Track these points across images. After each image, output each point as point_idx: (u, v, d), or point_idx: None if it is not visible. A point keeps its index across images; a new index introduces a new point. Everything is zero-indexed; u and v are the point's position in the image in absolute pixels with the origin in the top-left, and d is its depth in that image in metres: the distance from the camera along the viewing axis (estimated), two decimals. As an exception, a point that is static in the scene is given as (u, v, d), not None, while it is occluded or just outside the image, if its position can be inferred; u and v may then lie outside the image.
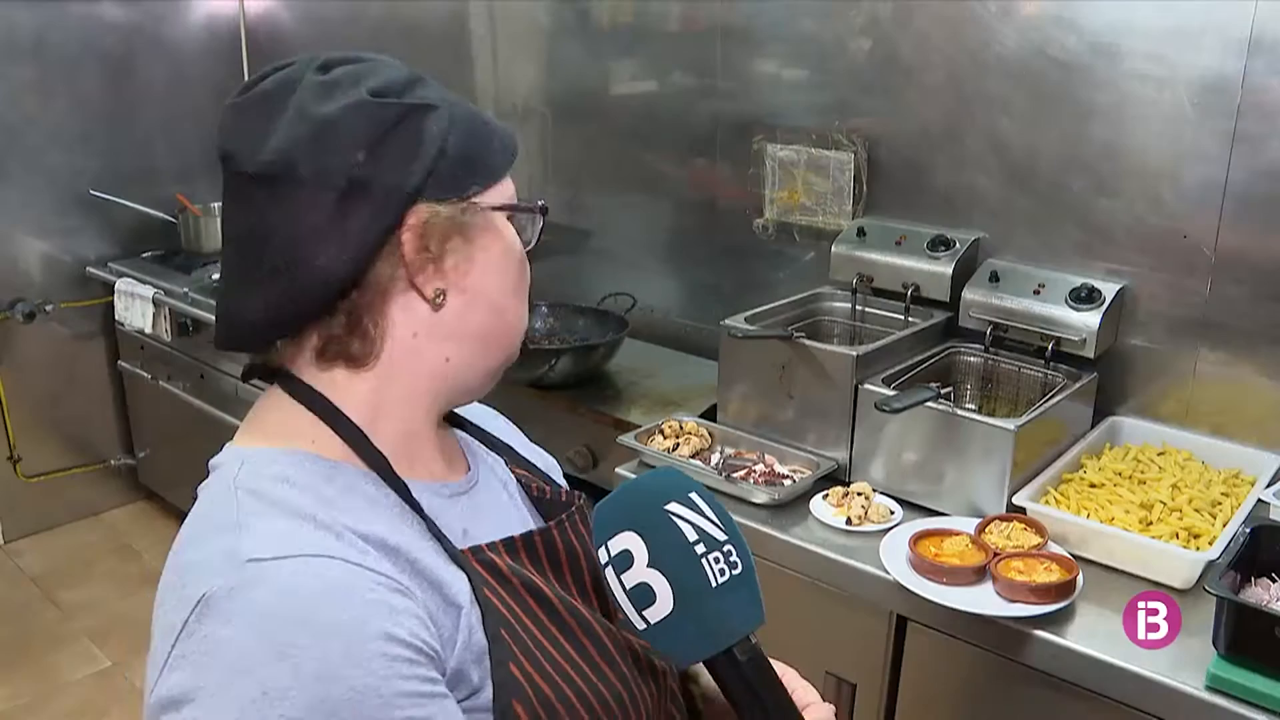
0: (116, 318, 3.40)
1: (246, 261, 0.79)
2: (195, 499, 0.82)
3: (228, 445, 0.84)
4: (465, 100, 0.87)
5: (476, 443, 1.00)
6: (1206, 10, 1.71)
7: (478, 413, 1.06)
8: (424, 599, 0.76)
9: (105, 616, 3.16)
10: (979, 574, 1.50)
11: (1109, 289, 1.85)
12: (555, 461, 1.10)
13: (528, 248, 0.90)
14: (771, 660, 0.88)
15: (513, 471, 0.99)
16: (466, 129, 0.83)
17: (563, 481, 1.05)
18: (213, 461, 0.83)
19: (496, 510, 0.92)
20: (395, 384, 0.83)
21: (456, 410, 0.98)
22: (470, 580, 0.80)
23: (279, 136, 0.77)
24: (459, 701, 0.76)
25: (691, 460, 1.90)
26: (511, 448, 1.03)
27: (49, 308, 3.46)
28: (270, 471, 0.78)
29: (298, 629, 0.68)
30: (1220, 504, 1.65)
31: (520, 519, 0.94)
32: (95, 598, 3.26)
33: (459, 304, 0.83)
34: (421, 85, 0.84)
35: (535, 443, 1.10)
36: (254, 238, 0.78)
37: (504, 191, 0.86)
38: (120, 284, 3.35)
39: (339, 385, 0.83)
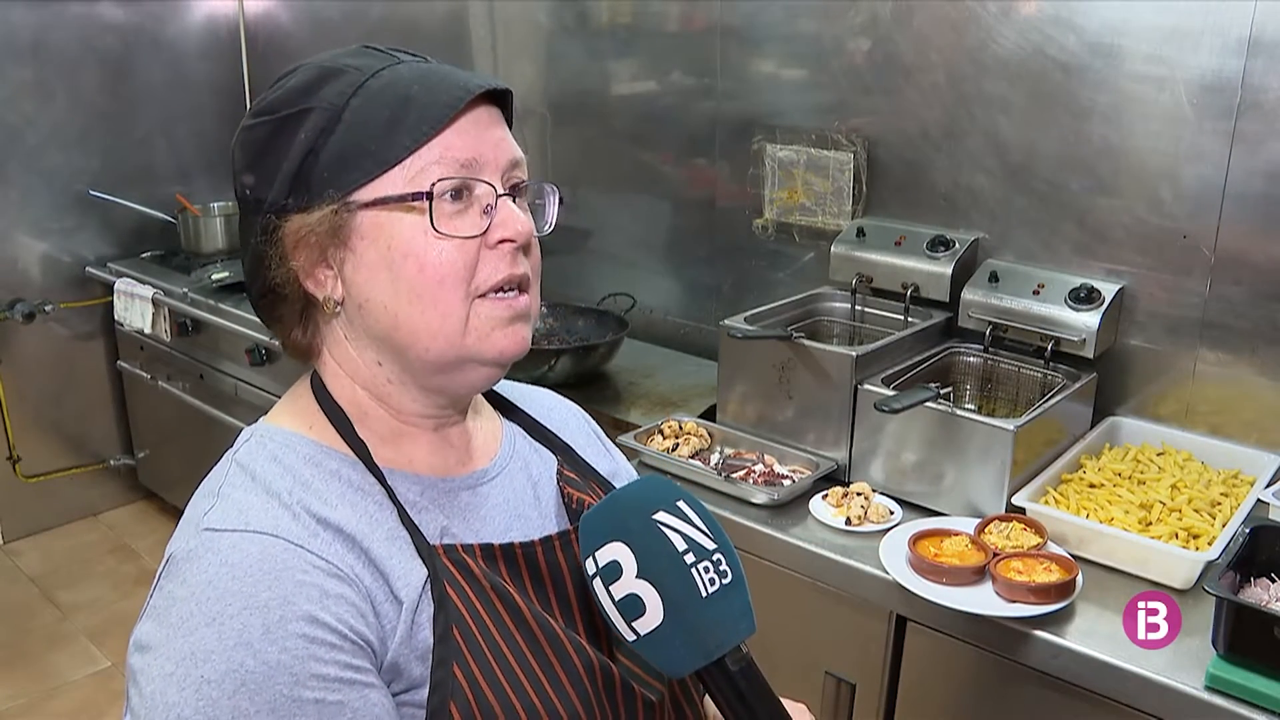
0: (116, 318, 3.40)
1: None
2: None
3: (261, 419, 0.89)
4: (402, 71, 0.81)
5: (524, 437, 0.98)
6: (1206, 10, 1.71)
7: (555, 408, 1.06)
8: (371, 587, 0.77)
9: (104, 616, 3.16)
10: (978, 574, 1.50)
11: (1108, 289, 1.85)
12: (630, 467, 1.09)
13: (471, 235, 0.80)
14: (785, 700, 0.87)
15: (562, 473, 0.97)
16: (356, 119, 0.79)
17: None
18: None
19: (506, 509, 0.90)
20: (359, 382, 0.86)
21: (516, 403, 1.01)
22: (434, 576, 0.80)
23: None
24: (398, 694, 0.77)
25: (691, 461, 1.90)
26: (572, 450, 1.00)
27: (48, 308, 3.46)
28: (266, 450, 0.83)
29: (230, 599, 0.71)
30: (1219, 504, 1.65)
31: (535, 524, 0.91)
32: (94, 598, 3.26)
33: (354, 309, 0.83)
34: (326, 82, 0.80)
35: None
36: None
37: (403, 177, 0.78)
38: (119, 284, 3.35)
39: (330, 376, 0.87)
